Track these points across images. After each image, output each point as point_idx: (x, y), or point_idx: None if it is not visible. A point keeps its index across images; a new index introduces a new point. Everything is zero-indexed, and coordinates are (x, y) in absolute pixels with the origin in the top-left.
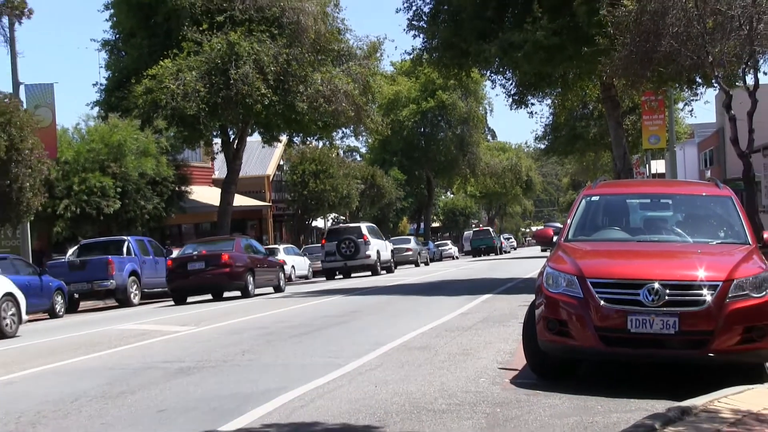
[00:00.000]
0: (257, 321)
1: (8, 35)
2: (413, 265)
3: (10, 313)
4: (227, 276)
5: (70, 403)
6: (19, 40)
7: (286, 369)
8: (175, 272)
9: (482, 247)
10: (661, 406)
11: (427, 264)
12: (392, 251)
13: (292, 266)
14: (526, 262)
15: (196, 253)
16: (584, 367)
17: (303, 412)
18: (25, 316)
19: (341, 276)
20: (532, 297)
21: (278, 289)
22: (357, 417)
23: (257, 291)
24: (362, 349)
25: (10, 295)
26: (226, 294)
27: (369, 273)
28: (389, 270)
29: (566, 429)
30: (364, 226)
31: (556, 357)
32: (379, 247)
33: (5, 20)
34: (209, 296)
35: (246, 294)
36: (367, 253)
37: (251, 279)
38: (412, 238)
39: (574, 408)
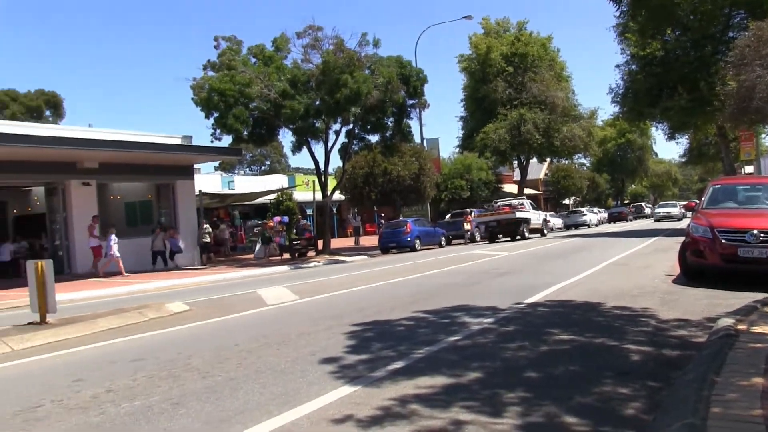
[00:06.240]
0: (538, 250)
1: (419, 116)
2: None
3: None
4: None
5: (443, 288)
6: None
7: (553, 274)
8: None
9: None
10: (760, 296)
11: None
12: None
13: (554, 222)
14: (672, 223)
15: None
16: (712, 276)
17: (563, 294)
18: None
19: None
20: (681, 239)
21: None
22: (591, 297)
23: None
24: (592, 264)
25: None
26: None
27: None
28: (660, 220)
29: (703, 306)
30: (645, 204)
31: (697, 269)
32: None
33: (417, 110)
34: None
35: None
36: (646, 212)
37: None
38: (677, 203)
39: (707, 296)
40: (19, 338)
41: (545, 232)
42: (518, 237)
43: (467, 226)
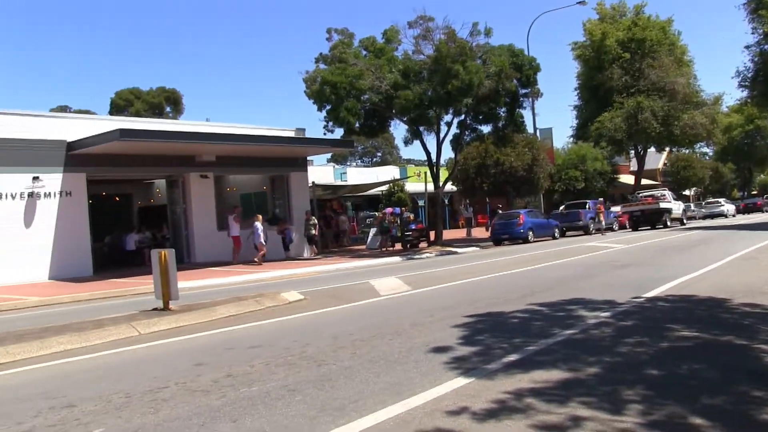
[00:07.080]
0: (660, 242)
1: (532, 106)
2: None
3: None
4: None
5: (558, 280)
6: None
7: (674, 267)
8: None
9: None
10: None
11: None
12: None
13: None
14: None
15: None
16: None
17: (686, 289)
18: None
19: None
20: None
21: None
22: (716, 293)
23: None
24: (717, 258)
25: None
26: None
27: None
28: None
29: None
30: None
31: None
32: None
33: (530, 100)
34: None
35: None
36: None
37: None
38: None
39: None
40: (146, 323)
41: (684, 221)
42: (660, 225)
43: (601, 217)
